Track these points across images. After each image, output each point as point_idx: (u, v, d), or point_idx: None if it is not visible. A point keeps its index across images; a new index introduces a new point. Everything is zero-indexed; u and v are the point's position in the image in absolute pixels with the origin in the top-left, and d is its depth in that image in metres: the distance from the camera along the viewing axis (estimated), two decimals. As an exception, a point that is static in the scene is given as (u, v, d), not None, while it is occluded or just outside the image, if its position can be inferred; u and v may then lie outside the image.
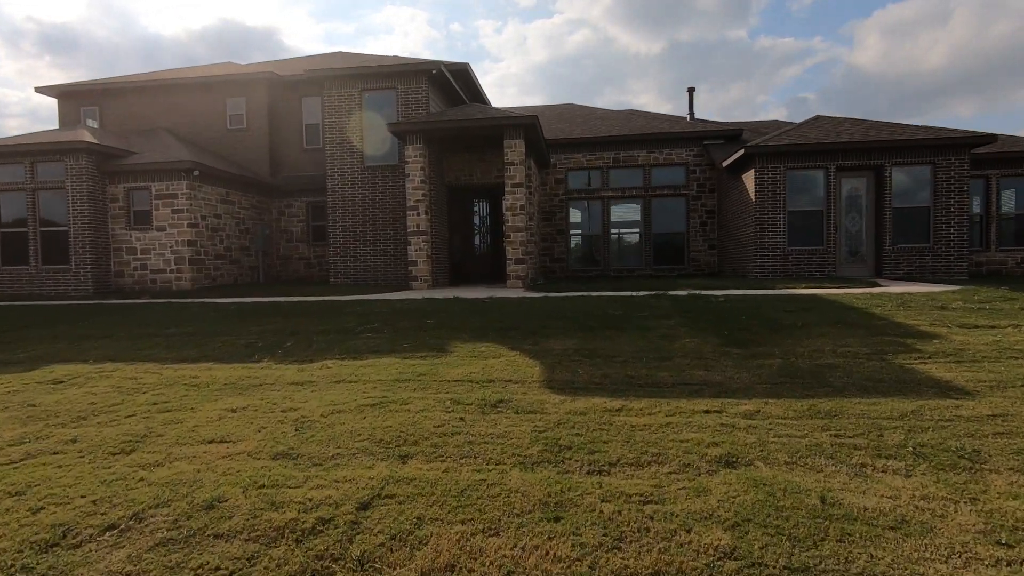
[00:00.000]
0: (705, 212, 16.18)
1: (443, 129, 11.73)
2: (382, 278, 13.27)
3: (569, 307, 7.85)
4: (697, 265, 16.18)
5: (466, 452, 3.22)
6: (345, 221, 13.37)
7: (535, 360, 5.41)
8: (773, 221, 12.21)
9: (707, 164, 16.09)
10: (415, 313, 7.86)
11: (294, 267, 16.20)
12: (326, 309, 8.47)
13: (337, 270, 13.44)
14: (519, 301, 8.49)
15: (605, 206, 16.53)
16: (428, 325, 7.10)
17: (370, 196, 13.27)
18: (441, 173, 13.44)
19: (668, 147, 16.26)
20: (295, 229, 16.22)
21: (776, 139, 12.40)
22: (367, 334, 6.85)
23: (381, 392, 4.58)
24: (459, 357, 5.63)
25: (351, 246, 13.36)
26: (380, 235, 13.27)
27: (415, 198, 11.86)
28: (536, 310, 7.71)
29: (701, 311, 7.26)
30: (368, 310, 8.22)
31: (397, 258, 13.22)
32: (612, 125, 17.58)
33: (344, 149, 13.31)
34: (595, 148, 16.52)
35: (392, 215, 13.21)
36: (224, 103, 16.22)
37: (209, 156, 14.66)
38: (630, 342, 5.96)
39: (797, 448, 3.14)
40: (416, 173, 11.82)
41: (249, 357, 6.07)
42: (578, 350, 5.72)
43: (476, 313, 7.66)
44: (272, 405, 4.32)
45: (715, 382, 4.57)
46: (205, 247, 13.05)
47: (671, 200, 16.49)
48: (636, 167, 16.45)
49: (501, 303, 8.38)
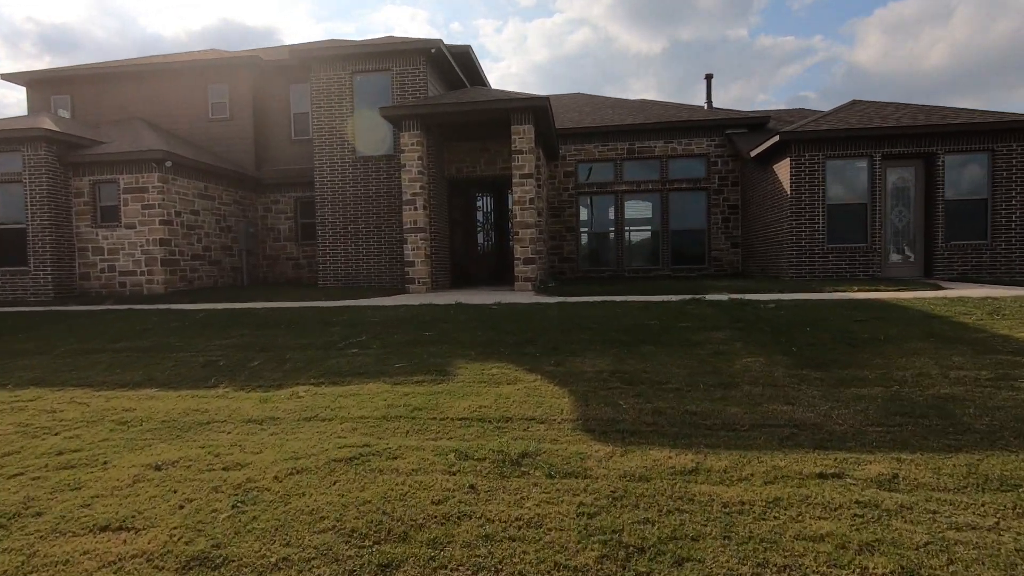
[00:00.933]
0: (728, 207, 15.06)
1: (443, 113, 10.61)
2: (376, 280, 12.15)
3: (592, 315, 6.73)
4: (719, 265, 15.06)
5: (482, 559, 2.10)
6: (335, 217, 12.25)
7: (562, 387, 4.29)
8: (811, 216, 11.08)
9: (730, 155, 14.97)
10: (411, 322, 6.75)
11: (281, 268, 15.09)
12: (309, 317, 7.36)
13: (326, 272, 12.33)
14: (532, 308, 7.38)
15: (619, 201, 15.42)
16: (426, 338, 5.98)
17: (363, 190, 12.15)
18: (441, 164, 12.33)
19: (687, 137, 15.14)
20: (282, 227, 15.11)
21: (814, 124, 11.27)
22: (353, 349, 5.74)
23: (362, 437, 3.47)
24: (465, 383, 4.51)
25: (342, 245, 12.24)
26: (374, 233, 12.16)
27: (412, 191, 10.74)
28: (554, 319, 6.59)
29: (752, 320, 6.14)
30: (357, 319, 7.11)
31: (392, 258, 12.11)
32: (625, 114, 16.46)
33: (334, 138, 12.19)
34: (608, 138, 15.41)
35: (387, 211, 12.10)
36: (205, 90, 15.12)
37: (188, 147, 13.55)
38: (678, 362, 4.84)
39: (1007, 557, 2.02)
40: (413, 163, 10.70)
41: (204, 381, 4.96)
42: (615, 373, 4.60)
43: (483, 323, 6.54)
44: (213, 459, 3.21)
45: (808, 422, 3.45)
46: (180, 246, 11.94)
47: (690, 194, 15.37)
48: (652, 158, 15.33)
49: (511, 310, 7.26)
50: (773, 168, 12.08)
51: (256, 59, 14.68)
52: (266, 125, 15.44)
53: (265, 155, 15.44)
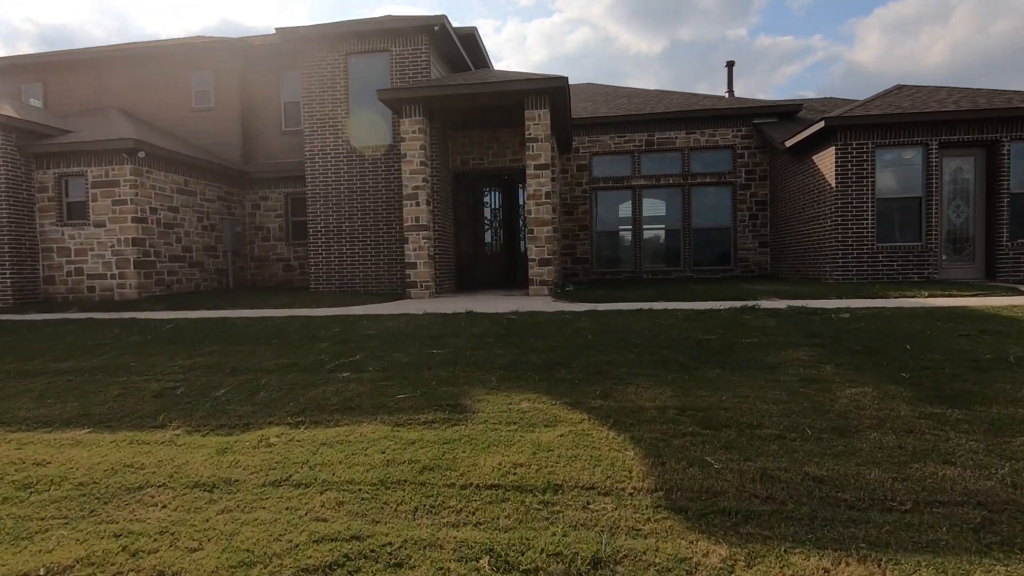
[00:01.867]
0: (755, 203, 14.02)
1: (448, 96, 9.56)
2: (373, 284, 11.10)
3: (632, 327, 5.68)
4: (746, 266, 14.02)
5: None
6: (327, 214, 11.20)
7: (619, 432, 3.24)
8: (858, 211, 10.03)
9: (758, 147, 13.93)
10: (415, 337, 5.70)
11: (271, 270, 14.04)
12: (294, 330, 6.32)
13: (318, 274, 11.28)
14: (558, 318, 6.33)
15: (637, 197, 14.37)
16: (434, 358, 4.93)
17: (358, 184, 11.10)
18: (445, 156, 11.28)
19: (711, 127, 14.10)
20: (272, 225, 14.07)
21: (862, 109, 10.23)
22: (344, 373, 4.69)
23: (350, 519, 2.43)
24: (489, 423, 3.46)
25: (335, 245, 11.19)
26: (371, 231, 11.11)
27: (414, 184, 9.70)
28: (587, 332, 5.55)
29: (831, 335, 5.09)
30: (350, 332, 6.06)
31: (391, 259, 11.06)
32: (643, 103, 15.41)
33: (326, 127, 11.15)
34: (625, 129, 14.37)
35: (385, 207, 11.05)
36: (188, 78, 14.09)
37: (167, 138, 12.51)
38: (761, 393, 3.79)
39: None
40: (415, 153, 9.66)
41: (152, 418, 3.91)
42: (684, 409, 3.56)
43: (501, 337, 5.49)
44: (126, 561, 2.16)
45: (996, 498, 2.40)
46: (156, 247, 10.89)
47: (714, 189, 14.33)
48: (673, 151, 14.29)
49: (533, 321, 6.22)
50: (813, 159, 11.04)
51: (242, 44, 13.65)
52: (254, 116, 14.40)
53: (253, 148, 14.40)
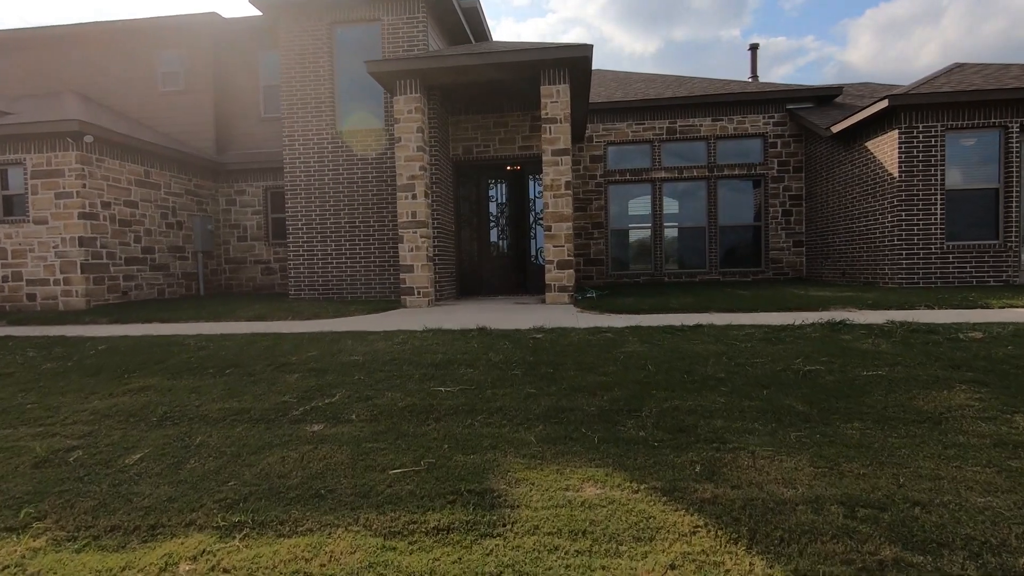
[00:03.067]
0: (789, 198, 12.76)
1: (450, 69, 8.22)
2: (362, 289, 9.74)
3: (700, 351, 4.37)
4: (778, 267, 12.75)
5: None
6: (309, 210, 9.83)
7: (773, 563, 1.92)
8: (925, 205, 8.78)
9: (792, 135, 12.68)
10: (414, 366, 4.36)
11: (248, 274, 12.65)
12: (257, 353, 4.96)
13: (299, 279, 9.90)
14: (596, 339, 5.00)
15: (657, 191, 13.09)
16: (443, 403, 3.59)
17: (345, 174, 9.74)
18: (445, 143, 9.94)
19: (740, 113, 12.83)
20: (249, 223, 12.68)
21: (928, 87, 8.97)
22: (315, 426, 3.35)
23: None
24: (542, 537, 2.13)
25: (318, 245, 9.82)
26: (360, 229, 9.75)
27: (410, 173, 8.36)
28: (643, 360, 4.22)
29: (985, 367, 3.79)
30: (329, 358, 4.71)
31: (384, 261, 9.70)
32: (662, 88, 14.14)
33: (308, 108, 9.78)
34: (643, 115, 13.08)
35: (376, 201, 9.69)
36: (155, 59, 12.69)
37: (125, 122, 11.11)
38: (953, 471, 2.48)
39: None
40: (411, 137, 8.32)
41: (11, 509, 2.56)
42: (848, 503, 2.24)
43: (531, 368, 4.16)
44: None
45: None
46: (110, 247, 9.49)
47: (743, 182, 13.07)
48: (697, 139, 13.02)
49: (566, 342, 4.88)
50: (866, 146, 9.78)
51: (215, 20, 12.27)
52: (230, 100, 13.02)
53: (229, 136, 13.01)
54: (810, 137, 12.20)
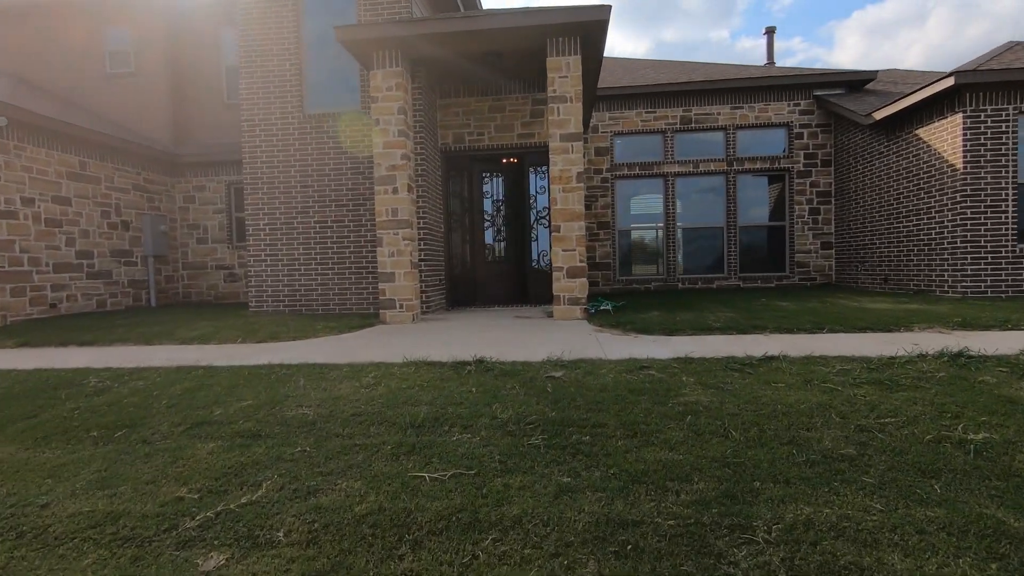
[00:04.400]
0: (816, 194, 11.61)
1: (437, 37, 6.91)
2: (336, 302, 8.40)
3: (793, 404, 3.11)
4: (804, 272, 11.59)
5: None
6: (272, 207, 8.48)
7: None
8: (994, 200, 7.63)
9: (820, 124, 11.53)
10: (384, 430, 3.05)
11: (210, 281, 11.25)
12: (169, 404, 3.64)
13: (260, 289, 8.53)
14: (639, 382, 3.71)
15: (670, 186, 11.88)
16: (424, 504, 2.29)
17: (315, 165, 8.40)
18: (433, 130, 8.64)
19: (762, 99, 11.67)
20: (210, 223, 11.29)
21: (999, 62, 7.82)
22: (211, 557, 2.02)
23: None
24: None
25: (283, 248, 8.47)
26: (333, 229, 8.42)
27: (390, 162, 7.05)
28: (719, 421, 2.95)
29: None
30: (268, 410, 3.40)
31: (361, 268, 8.38)
32: (675, 74, 12.95)
33: (270, 87, 8.43)
34: (655, 102, 11.87)
35: (352, 196, 8.37)
36: (100, 35, 11.26)
37: (62, 108, 9.69)
38: None
39: None
40: (391, 119, 7.01)
41: None
42: None
43: (556, 436, 2.87)
44: None
45: None
46: (33, 251, 8.08)
47: (765, 177, 11.90)
48: (714, 129, 11.83)
49: (598, 386, 3.59)
50: (917, 134, 8.61)
51: (171, -10, 10.86)
52: (188, 84, 11.63)
53: (187, 124, 11.62)
54: (842, 126, 11.05)
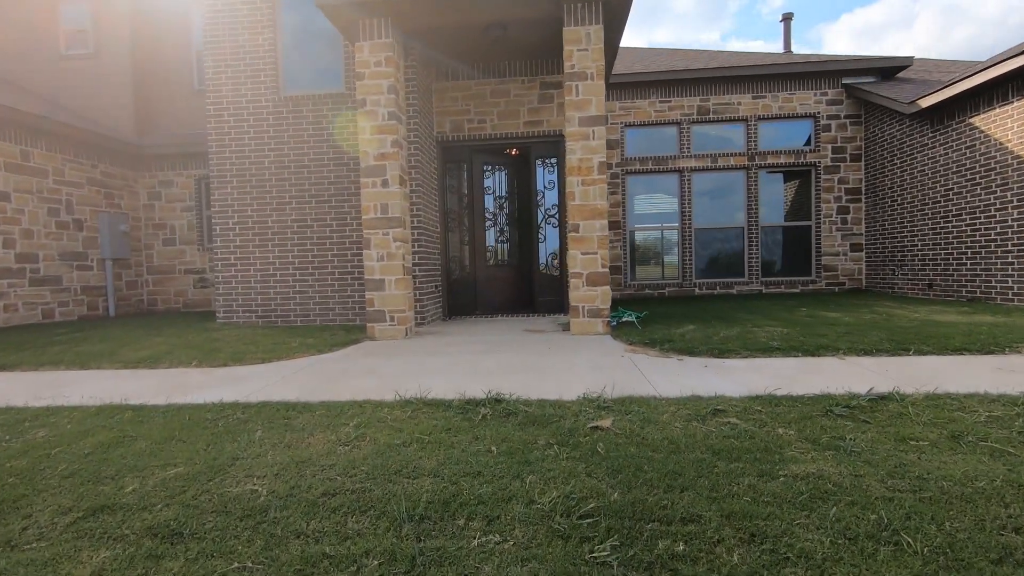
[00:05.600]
0: (845, 192, 10.76)
1: (432, 1, 5.93)
2: (316, 311, 7.40)
3: (972, 489, 2.16)
4: (832, 276, 10.74)
5: None
6: (243, 203, 7.46)
7: None
8: (1067, 197, 6.78)
9: (850, 115, 10.69)
10: (370, 526, 2.08)
11: (178, 286, 10.19)
12: (66, 472, 2.66)
13: (229, 297, 7.50)
14: (713, 430, 2.78)
15: (686, 183, 10.98)
16: None
17: (293, 155, 7.39)
18: (428, 115, 7.66)
19: (786, 88, 10.80)
20: (178, 222, 10.23)
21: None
22: None
23: None
24: None
25: (255, 251, 7.45)
26: (313, 229, 7.42)
27: (379, 150, 6.06)
28: (876, 520, 2.00)
29: None
30: (200, 489, 2.41)
31: (346, 273, 7.38)
32: (692, 62, 12.07)
33: (241, 66, 7.41)
34: (669, 91, 10.98)
35: (336, 191, 7.37)
36: (55, 10, 10.18)
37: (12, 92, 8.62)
38: None
39: None
40: (380, 100, 6.03)
41: None
42: None
43: (631, 542, 1.91)
44: None
45: None
46: (-38, 255, 7.01)
47: (788, 173, 11.04)
48: (734, 121, 10.95)
49: (662, 442, 2.65)
50: (972, 122, 7.76)
51: (133, -38, 9.82)
52: (154, 68, 10.58)
53: (153, 113, 10.57)
54: (875, 117, 10.20)
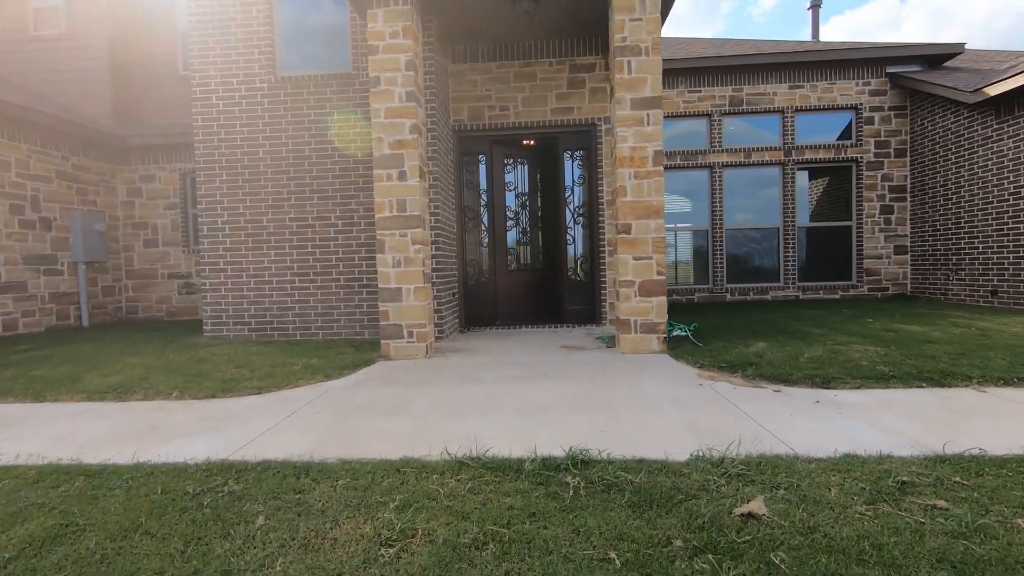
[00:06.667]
0: (889, 189, 10.01)
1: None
2: (319, 323, 6.52)
3: None
4: (874, 280, 9.99)
5: None
6: (234, 199, 6.57)
7: None
8: None
9: (895, 107, 9.95)
10: None
11: (161, 292, 9.27)
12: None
13: (218, 307, 6.60)
14: (926, 519, 1.98)
15: (716, 180, 10.20)
16: None
17: (292, 144, 6.52)
18: (445, 101, 6.80)
19: (825, 77, 10.04)
20: (162, 221, 9.31)
21: None
22: None
23: None
24: None
25: (249, 254, 6.56)
26: (315, 229, 6.54)
27: (396, 136, 5.20)
28: None
29: None
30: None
31: (352, 279, 6.51)
32: (720, 50, 11.30)
33: (231, 41, 6.53)
34: (699, 79, 10.19)
35: (341, 185, 6.51)
36: (23, -13, 9.24)
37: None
38: None
39: None
40: (396, 77, 5.17)
41: None
42: None
43: None
44: None
45: None
46: (-96, 259, 6.07)
47: (827, 168, 10.28)
48: (770, 113, 10.18)
49: (887, 560, 1.82)
50: (1053, 111, 7.00)
51: (111, -68, 8.89)
52: (136, 50, 9.67)
53: (133, 100, 9.66)
54: (924, 109, 9.46)
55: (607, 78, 7.10)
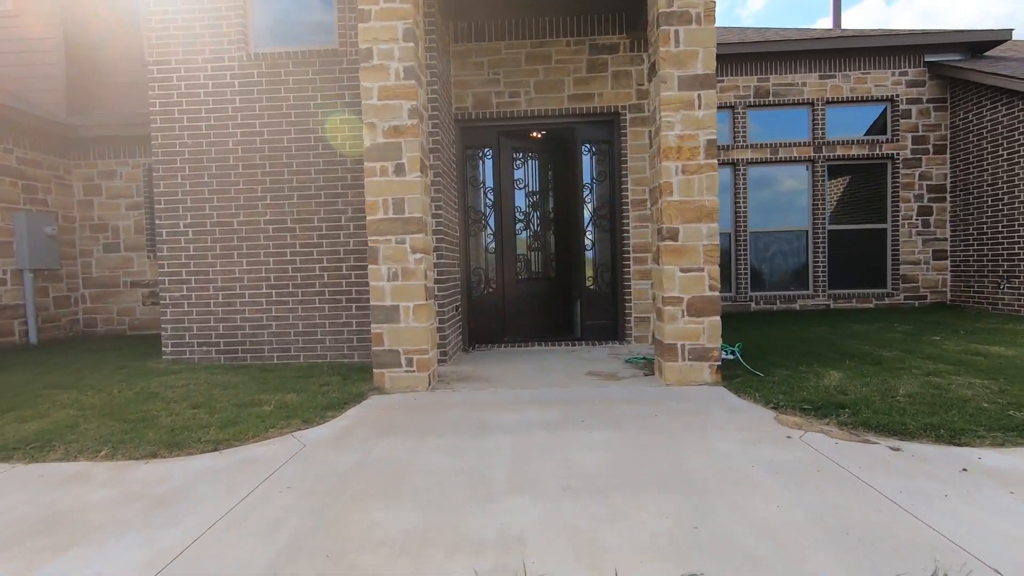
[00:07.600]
0: (927, 189, 9.25)
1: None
2: (299, 343, 5.59)
3: None
4: (912, 288, 9.23)
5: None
6: (199, 196, 5.62)
7: None
8: None
9: (933, 99, 9.20)
10: None
11: (123, 303, 8.29)
12: None
13: (180, 324, 5.65)
14: None
15: (739, 178, 9.39)
16: None
17: (267, 134, 5.58)
18: (446, 85, 5.89)
19: (858, 67, 9.27)
20: (123, 223, 8.33)
21: None
22: None
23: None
24: None
25: (217, 262, 5.62)
26: (295, 233, 5.61)
27: (392, 121, 4.29)
28: None
29: None
30: None
31: (339, 292, 5.59)
32: (745, 34, 10.51)
33: (196, 10, 5.58)
34: (721, 68, 9.38)
35: (326, 182, 5.58)
36: (-36, -43, 8.21)
37: None
38: None
39: None
40: (394, 50, 4.27)
41: None
42: None
43: None
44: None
45: None
46: None
47: (859, 166, 9.50)
48: (798, 105, 9.39)
49: None
50: None
51: None
52: (94, 32, 8.68)
53: (91, 88, 8.67)
54: (967, 100, 8.70)
55: (632, 60, 6.24)
